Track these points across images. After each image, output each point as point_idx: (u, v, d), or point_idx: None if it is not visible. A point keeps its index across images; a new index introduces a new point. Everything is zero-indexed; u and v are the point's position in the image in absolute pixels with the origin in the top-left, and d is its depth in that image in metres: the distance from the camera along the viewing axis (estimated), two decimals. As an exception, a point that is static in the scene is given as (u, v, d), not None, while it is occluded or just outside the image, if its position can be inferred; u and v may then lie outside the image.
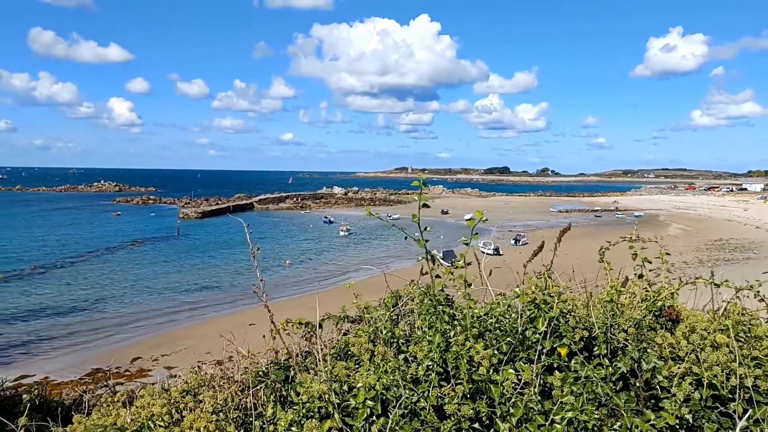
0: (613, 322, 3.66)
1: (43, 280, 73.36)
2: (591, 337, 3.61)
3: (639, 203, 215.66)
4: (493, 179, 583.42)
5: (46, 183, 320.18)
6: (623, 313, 3.82)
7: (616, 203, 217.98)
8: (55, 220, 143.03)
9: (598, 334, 3.59)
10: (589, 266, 5.82)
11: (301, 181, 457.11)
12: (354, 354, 3.69)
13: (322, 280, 74.46)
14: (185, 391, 3.74)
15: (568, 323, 3.49)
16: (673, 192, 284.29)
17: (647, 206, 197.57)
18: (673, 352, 3.50)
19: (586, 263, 5.87)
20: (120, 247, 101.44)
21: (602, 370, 3.24)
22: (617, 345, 3.57)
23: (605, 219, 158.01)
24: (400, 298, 4.57)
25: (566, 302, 3.70)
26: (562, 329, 3.44)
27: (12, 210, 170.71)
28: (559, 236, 4.62)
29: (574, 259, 5.24)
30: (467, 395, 3.11)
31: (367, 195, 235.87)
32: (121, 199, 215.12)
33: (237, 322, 47.82)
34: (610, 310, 3.78)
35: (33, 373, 39.45)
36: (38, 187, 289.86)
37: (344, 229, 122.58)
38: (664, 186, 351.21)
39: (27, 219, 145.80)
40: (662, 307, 3.93)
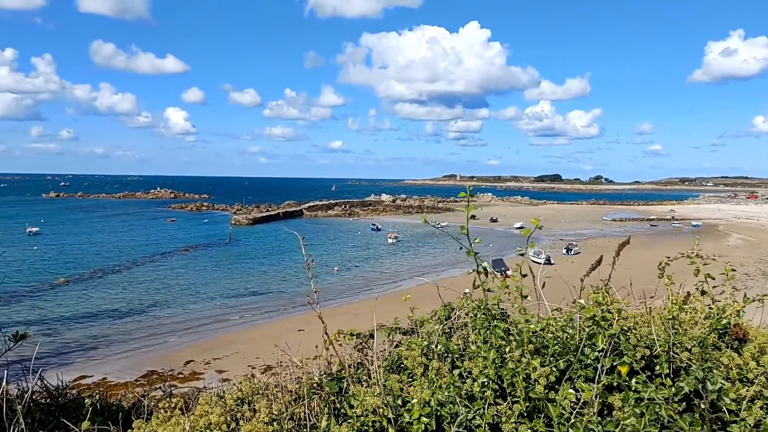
0: (675, 340, 3.53)
1: (101, 284, 76.03)
2: (652, 356, 3.49)
3: (697, 212, 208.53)
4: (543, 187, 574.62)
5: (106, 190, 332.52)
6: (686, 331, 3.68)
7: (673, 212, 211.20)
8: (113, 226, 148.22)
9: (660, 352, 3.46)
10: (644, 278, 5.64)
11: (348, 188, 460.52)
12: (407, 367, 3.66)
13: (370, 287, 74.67)
14: (240, 399, 3.78)
15: (629, 341, 3.38)
16: (734, 201, 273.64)
17: (705, 215, 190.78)
18: (740, 374, 3.34)
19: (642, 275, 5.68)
20: (174, 253, 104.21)
21: (665, 391, 3.13)
22: (680, 364, 3.43)
23: (661, 228, 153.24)
24: (453, 311, 4.53)
25: (626, 319, 3.59)
26: (623, 347, 3.33)
27: (74, 216, 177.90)
28: (618, 249, 4.49)
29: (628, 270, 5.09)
30: (524, 414, 3.04)
31: (415, 202, 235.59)
32: (175, 205, 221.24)
33: (286, 328, 48.50)
34: (672, 327, 3.65)
35: (91, 374, 40.85)
36: (98, 193, 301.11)
37: (392, 236, 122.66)
38: (723, 195, 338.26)
39: (88, 225, 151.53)
40: (727, 326, 3.77)
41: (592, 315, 3.48)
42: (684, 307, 3.93)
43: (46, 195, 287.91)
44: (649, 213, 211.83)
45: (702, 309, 4.05)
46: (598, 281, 4.29)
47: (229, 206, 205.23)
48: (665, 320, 3.71)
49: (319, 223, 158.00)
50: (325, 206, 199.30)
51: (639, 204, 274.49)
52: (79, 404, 4.76)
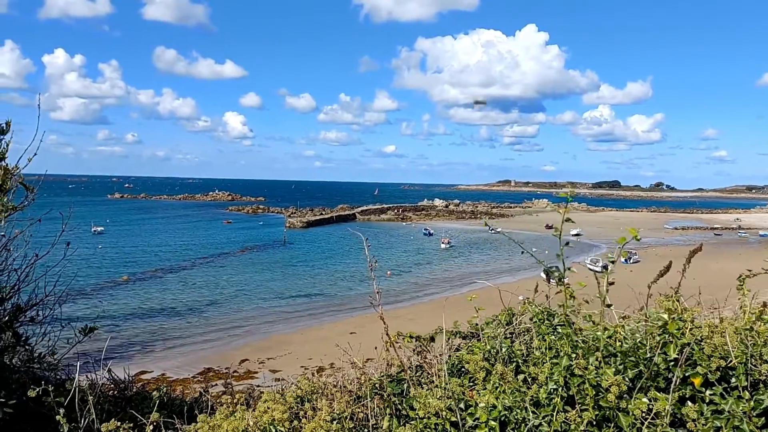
0: (753, 352, 3.36)
1: (162, 283, 78.54)
2: (727, 367, 3.33)
3: (764, 221, 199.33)
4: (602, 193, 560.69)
5: (167, 191, 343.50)
6: (765, 343, 3.50)
7: (739, 221, 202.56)
8: (173, 227, 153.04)
9: (736, 363, 3.30)
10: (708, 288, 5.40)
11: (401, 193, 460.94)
12: (467, 371, 3.62)
13: (422, 292, 74.49)
14: (300, 397, 3.82)
15: (703, 351, 3.24)
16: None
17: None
18: (825, 389, 3.15)
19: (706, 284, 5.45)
20: (231, 254, 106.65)
21: (743, 404, 2.98)
22: (758, 377, 3.27)
23: (726, 238, 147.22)
24: (514, 316, 4.45)
25: (700, 328, 3.45)
26: (696, 357, 3.20)
27: (137, 216, 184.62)
28: (689, 256, 4.31)
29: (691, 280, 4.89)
30: (593, 422, 2.95)
31: (468, 208, 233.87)
32: (233, 207, 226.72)
33: (338, 330, 48.91)
34: (749, 338, 3.48)
35: (151, 369, 42.19)
36: (160, 195, 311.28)
37: (446, 241, 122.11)
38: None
39: (149, 225, 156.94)
40: (808, 338, 3.56)
41: (664, 323, 3.35)
42: (762, 317, 3.75)
43: (111, 196, 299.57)
44: (713, 221, 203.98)
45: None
46: (664, 290, 4.14)
47: (284, 209, 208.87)
48: (740, 331, 3.55)
49: (371, 227, 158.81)
50: (378, 210, 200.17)
51: (702, 212, 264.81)
52: (145, 397, 4.91)
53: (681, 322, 3.37)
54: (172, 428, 3.93)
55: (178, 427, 3.87)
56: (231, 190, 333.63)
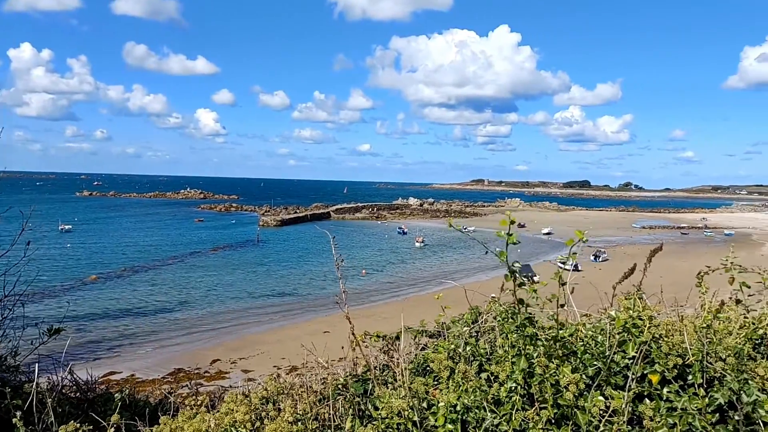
0: (709, 350, 3.44)
1: (131, 282, 77.32)
2: (684, 365, 3.41)
3: (730, 221, 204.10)
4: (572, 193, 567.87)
5: (137, 189, 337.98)
6: (720, 341, 3.58)
7: (705, 220, 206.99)
8: (144, 225, 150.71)
9: (693, 361, 3.38)
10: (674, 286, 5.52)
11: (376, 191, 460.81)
12: (432, 370, 3.64)
13: (397, 290, 74.64)
14: (265, 398, 3.80)
15: (660, 349, 3.30)
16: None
17: (738, 224, 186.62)
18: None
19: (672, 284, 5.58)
20: (202, 253, 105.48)
21: (698, 401, 3.05)
22: (713, 375, 3.35)
23: (692, 237, 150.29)
24: (480, 314, 4.49)
25: (658, 326, 3.51)
26: (654, 355, 3.26)
27: (106, 215, 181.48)
28: (649, 256, 4.40)
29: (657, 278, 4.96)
30: (552, 420, 2.99)
31: (442, 207, 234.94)
32: (205, 206, 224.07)
33: (312, 329, 48.70)
34: (706, 336, 3.56)
35: (120, 370, 41.53)
36: (130, 193, 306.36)
37: (420, 240, 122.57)
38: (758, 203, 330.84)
39: (119, 223, 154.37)
40: (763, 336, 3.66)
41: (623, 322, 3.41)
42: (718, 316, 3.84)
43: (80, 193, 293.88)
44: (680, 221, 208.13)
45: (737, 318, 3.95)
46: (629, 288, 4.21)
47: (258, 207, 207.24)
48: (698, 329, 3.63)
49: (346, 226, 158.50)
50: (353, 209, 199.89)
51: (670, 211, 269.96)
52: (108, 399, 4.83)
53: (640, 321, 3.43)
54: (134, 430, 3.88)
55: (141, 429, 3.82)
56: (203, 188, 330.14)
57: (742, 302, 4.11)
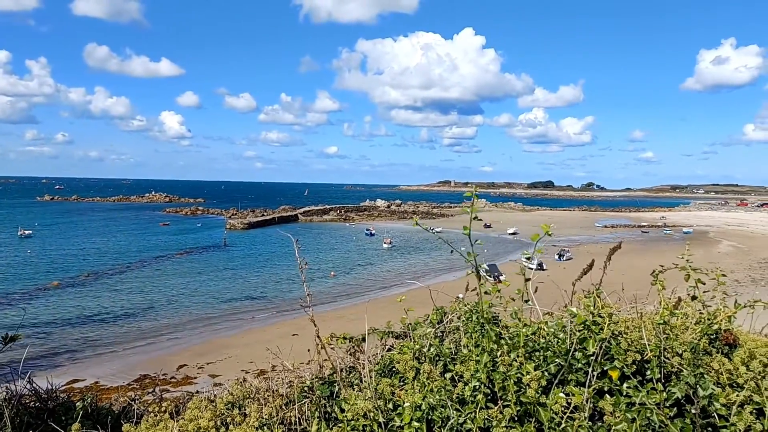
0: (666, 345, 3.53)
1: (95, 288, 75.66)
2: (643, 361, 3.49)
3: (688, 219, 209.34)
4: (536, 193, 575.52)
5: (101, 193, 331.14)
6: (677, 336, 3.68)
7: (664, 219, 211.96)
8: (107, 230, 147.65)
9: (651, 357, 3.46)
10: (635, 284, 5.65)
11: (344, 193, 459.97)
12: (398, 371, 3.65)
13: (365, 292, 74.61)
14: (231, 403, 3.76)
15: (620, 345, 3.38)
16: (724, 208, 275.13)
17: (696, 222, 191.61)
18: (731, 379, 3.34)
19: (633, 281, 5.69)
20: (168, 257, 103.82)
21: (656, 396, 3.13)
22: (671, 369, 3.43)
23: (652, 235, 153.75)
24: (445, 315, 4.52)
25: (617, 323, 3.59)
26: (614, 351, 3.33)
27: (68, 219, 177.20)
28: (609, 254, 4.50)
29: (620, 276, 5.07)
30: (515, 418, 3.04)
31: (410, 208, 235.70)
32: (170, 209, 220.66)
33: (280, 332, 48.37)
34: (663, 332, 3.65)
35: (84, 377, 40.61)
36: (93, 197, 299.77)
37: (387, 241, 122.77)
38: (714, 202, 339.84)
39: (81, 228, 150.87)
40: (718, 331, 3.77)
41: (584, 319, 3.47)
42: (675, 312, 3.94)
43: (41, 198, 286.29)
44: (641, 219, 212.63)
45: (693, 314, 4.06)
46: (590, 286, 4.29)
47: (224, 211, 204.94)
48: (656, 325, 3.72)
49: (314, 228, 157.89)
50: (320, 211, 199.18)
51: (630, 211, 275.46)
52: (69, 408, 4.72)
53: (600, 318, 3.50)
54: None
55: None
56: (168, 192, 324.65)
57: (698, 298, 4.23)
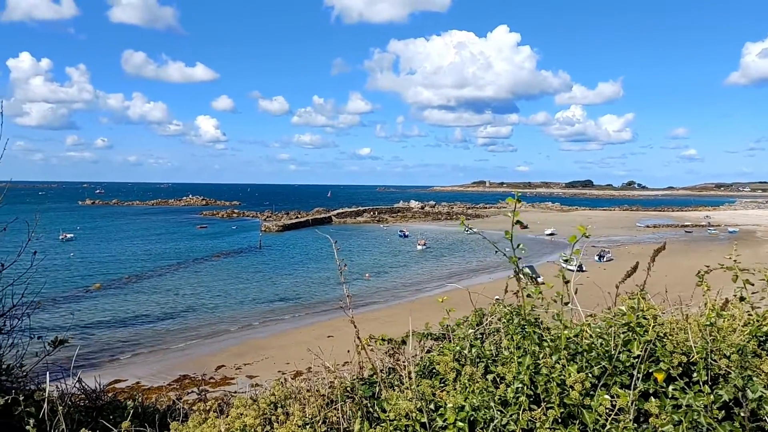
0: (713, 347, 3.46)
1: (135, 290, 77.39)
2: (689, 363, 3.43)
3: (733, 218, 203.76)
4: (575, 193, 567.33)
5: (140, 197, 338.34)
6: (724, 338, 3.61)
7: (708, 218, 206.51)
8: (146, 233, 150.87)
9: (698, 359, 3.40)
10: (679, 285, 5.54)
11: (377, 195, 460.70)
12: (438, 372, 3.66)
13: (400, 294, 74.61)
14: (273, 403, 3.82)
15: (665, 347, 3.33)
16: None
17: (742, 221, 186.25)
18: (782, 382, 3.26)
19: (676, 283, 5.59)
20: (205, 259, 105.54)
21: (703, 398, 3.07)
22: (718, 372, 3.37)
23: (696, 235, 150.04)
24: (484, 316, 4.51)
25: (662, 325, 3.54)
26: (659, 353, 3.28)
27: (109, 223, 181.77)
28: (653, 255, 4.43)
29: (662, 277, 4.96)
30: (558, 420, 3.02)
31: (443, 209, 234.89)
32: (207, 212, 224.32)
33: (315, 334, 48.71)
34: (710, 334, 3.58)
35: (125, 378, 41.55)
36: (132, 201, 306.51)
37: (422, 243, 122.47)
38: (761, 200, 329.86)
39: (122, 231, 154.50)
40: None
41: (628, 321, 3.43)
42: (722, 313, 3.86)
43: (83, 202, 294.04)
44: (684, 219, 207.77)
45: (741, 316, 3.97)
46: (633, 287, 4.23)
47: (259, 213, 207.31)
48: (702, 327, 3.65)
49: (348, 230, 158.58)
50: (354, 213, 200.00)
51: (673, 210, 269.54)
52: (116, 406, 4.86)
53: (644, 320, 3.45)
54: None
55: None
56: (205, 195, 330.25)
57: (746, 299, 4.13)
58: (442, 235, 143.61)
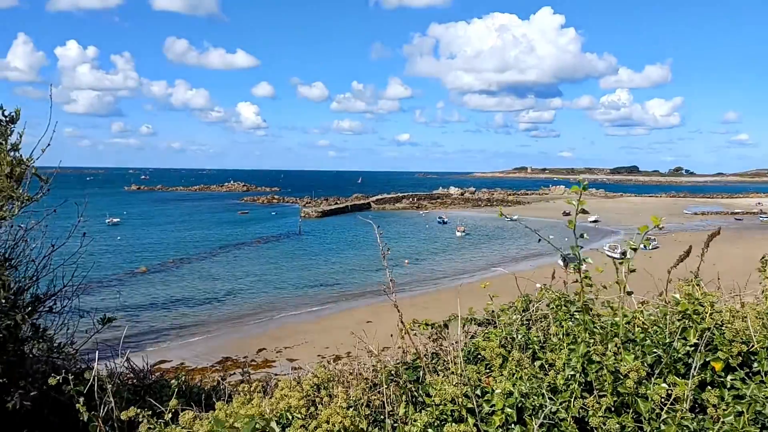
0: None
1: (179, 273, 79.26)
2: (749, 352, 3.28)
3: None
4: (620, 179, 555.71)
5: (183, 183, 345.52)
6: (787, 328, 3.43)
7: (760, 205, 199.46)
8: (190, 218, 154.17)
9: (758, 348, 3.25)
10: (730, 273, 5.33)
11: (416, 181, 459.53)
12: (484, 358, 3.59)
13: (438, 280, 74.49)
14: (316, 385, 3.82)
15: (724, 336, 3.18)
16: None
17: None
18: None
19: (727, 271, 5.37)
20: (247, 244, 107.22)
21: (765, 389, 2.93)
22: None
23: (746, 222, 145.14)
24: (531, 302, 4.42)
25: (720, 313, 3.39)
26: (717, 342, 3.15)
27: (154, 208, 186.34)
28: (707, 240, 4.25)
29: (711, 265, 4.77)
30: (611, 408, 2.92)
31: (484, 195, 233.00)
32: (248, 198, 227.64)
33: (355, 319, 49.05)
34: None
35: (170, 358, 42.68)
36: (176, 186, 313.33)
37: (461, 230, 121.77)
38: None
39: (166, 216, 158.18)
40: (833, 322, 3.49)
41: (684, 308, 3.29)
42: (785, 301, 3.68)
43: (128, 188, 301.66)
44: (734, 206, 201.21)
45: (802, 305, 3.78)
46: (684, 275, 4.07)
47: (299, 199, 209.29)
48: (762, 315, 3.49)
49: (387, 216, 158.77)
50: (393, 199, 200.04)
51: (723, 197, 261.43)
52: (163, 385, 4.95)
53: (701, 307, 3.31)
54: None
55: (197, 414, 3.89)
56: (246, 180, 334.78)
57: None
58: (482, 222, 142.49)
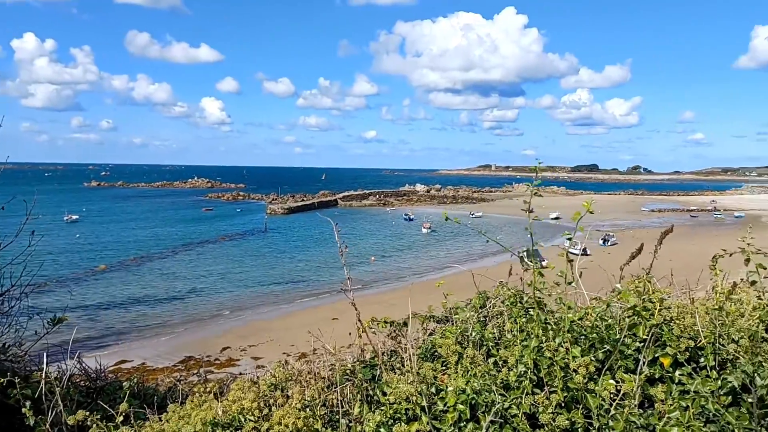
0: (721, 332, 3.39)
1: (140, 271, 77.75)
2: (696, 348, 3.36)
3: (740, 203, 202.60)
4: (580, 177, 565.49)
5: (145, 179, 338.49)
6: (733, 323, 3.53)
7: (714, 203, 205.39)
8: (152, 215, 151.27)
9: (705, 344, 3.33)
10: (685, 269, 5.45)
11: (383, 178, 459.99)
12: (440, 355, 3.61)
13: (404, 277, 74.71)
14: (273, 385, 3.78)
15: (672, 331, 3.25)
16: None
17: (749, 206, 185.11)
18: (792, 368, 3.19)
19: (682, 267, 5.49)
20: (211, 241, 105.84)
21: (710, 384, 3.00)
22: (726, 357, 3.30)
23: (701, 219, 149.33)
24: (488, 299, 4.45)
25: (669, 309, 3.46)
26: (666, 338, 3.21)
27: (114, 204, 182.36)
28: (660, 238, 4.33)
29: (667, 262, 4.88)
30: (562, 404, 2.96)
31: (449, 193, 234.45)
32: (212, 194, 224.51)
33: (320, 317, 48.83)
34: (718, 318, 3.51)
35: (131, 358, 41.86)
36: (138, 183, 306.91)
37: (427, 226, 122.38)
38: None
39: (127, 213, 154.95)
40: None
41: (633, 305, 3.35)
42: (730, 297, 3.77)
43: (88, 184, 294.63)
44: (689, 203, 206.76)
45: (749, 300, 3.89)
46: (638, 271, 4.15)
47: (265, 196, 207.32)
48: (710, 311, 3.57)
49: (353, 213, 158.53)
50: (360, 196, 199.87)
51: (679, 194, 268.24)
52: (117, 387, 4.83)
53: (650, 303, 3.38)
54: (143, 418, 3.87)
55: (149, 417, 3.81)
56: (210, 177, 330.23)
57: (756, 283, 4.04)
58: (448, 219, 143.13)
